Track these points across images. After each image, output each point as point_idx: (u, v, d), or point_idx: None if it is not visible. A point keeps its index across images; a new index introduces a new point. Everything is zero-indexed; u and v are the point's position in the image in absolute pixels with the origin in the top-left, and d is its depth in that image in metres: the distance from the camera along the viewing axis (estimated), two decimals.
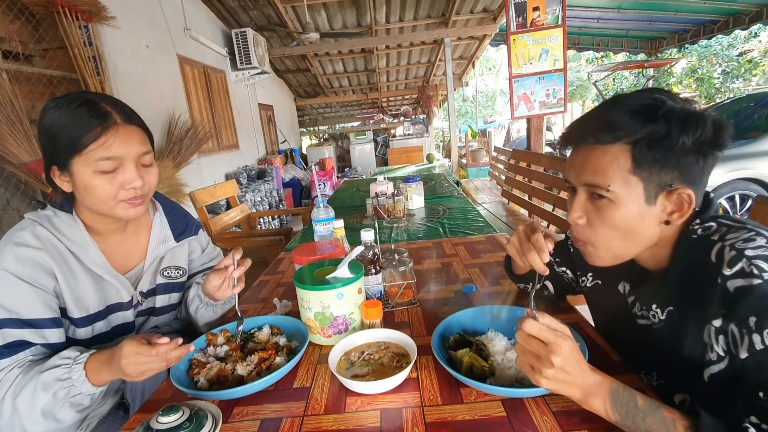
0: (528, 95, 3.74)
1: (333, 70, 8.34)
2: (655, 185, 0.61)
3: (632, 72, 11.76)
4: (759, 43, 11.37)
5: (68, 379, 0.75)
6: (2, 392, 0.76)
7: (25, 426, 0.76)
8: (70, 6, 2.40)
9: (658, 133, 0.59)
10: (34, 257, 0.83)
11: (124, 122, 0.84)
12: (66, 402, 0.76)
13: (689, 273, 0.63)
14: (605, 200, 0.64)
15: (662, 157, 0.60)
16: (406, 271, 1.08)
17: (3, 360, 0.77)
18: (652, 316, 0.70)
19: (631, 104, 0.62)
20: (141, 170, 0.87)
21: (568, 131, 0.70)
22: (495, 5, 5.72)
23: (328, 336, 0.92)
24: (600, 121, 0.64)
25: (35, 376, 0.76)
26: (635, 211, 0.63)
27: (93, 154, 0.81)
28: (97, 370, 0.76)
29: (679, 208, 0.63)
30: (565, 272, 0.97)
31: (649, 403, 0.56)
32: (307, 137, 12.63)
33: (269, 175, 5.39)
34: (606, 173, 0.63)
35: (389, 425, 0.67)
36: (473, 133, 10.47)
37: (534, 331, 0.59)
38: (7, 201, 2.20)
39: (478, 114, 14.54)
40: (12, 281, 0.80)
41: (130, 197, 0.86)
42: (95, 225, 0.93)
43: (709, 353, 0.59)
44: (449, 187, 2.96)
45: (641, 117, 0.60)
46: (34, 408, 0.75)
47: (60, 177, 0.85)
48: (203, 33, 4.57)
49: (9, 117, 1.99)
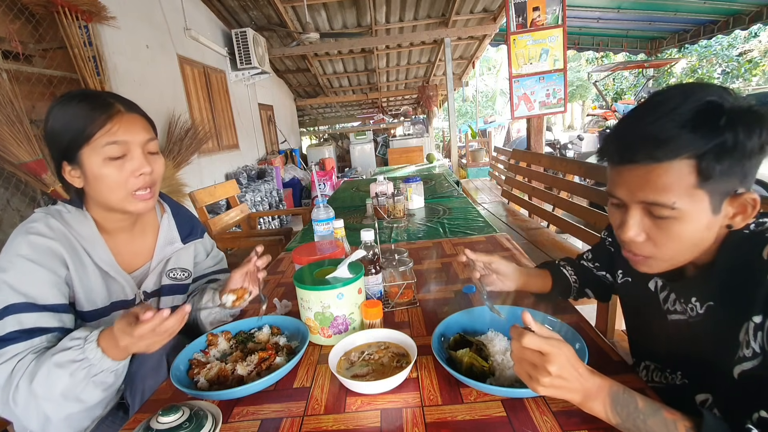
0: (528, 95, 3.74)
1: (333, 70, 8.34)
2: (720, 194, 0.58)
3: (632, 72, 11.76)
4: (759, 43, 11.38)
5: (84, 359, 0.74)
6: (17, 378, 0.74)
7: (46, 410, 0.74)
8: (70, 6, 2.40)
9: (726, 143, 0.54)
10: (47, 245, 0.84)
11: (126, 110, 0.87)
12: (88, 382, 0.75)
13: (737, 269, 0.60)
14: (669, 218, 0.59)
15: (731, 166, 0.55)
16: (406, 271, 1.08)
17: (18, 344, 0.76)
18: (690, 309, 0.68)
19: (684, 113, 0.55)
20: (148, 157, 0.89)
21: (610, 145, 0.63)
22: (495, 5, 5.72)
23: (328, 336, 0.92)
24: (652, 137, 0.57)
25: (48, 359, 0.74)
26: (703, 224, 0.59)
27: (100, 141, 0.83)
28: (114, 346, 0.75)
29: (742, 211, 0.59)
30: (605, 276, 0.97)
31: (650, 404, 0.56)
32: (307, 137, 12.63)
33: (269, 175, 5.39)
34: (669, 191, 0.57)
35: (389, 425, 0.67)
36: (473, 133, 10.47)
37: (532, 344, 0.58)
38: (7, 201, 2.20)
39: (478, 114, 14.54)
40: (28, 266, 0.81)
41: (140, 186, 0.88)
42: (104, 222, 0.94)
43: (743, 350, 0.57)
44: (449, 187, 2.96)
45: (702, 128, 0.54)
46: (52, 390, 0.73)
47: (71, 172, 0.86)
48: (203, 33, 4.57)
49: (9, 117, 1.99)
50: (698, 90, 0.57)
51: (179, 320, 0.73)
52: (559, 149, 7.06)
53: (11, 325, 0.77)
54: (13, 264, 0.81)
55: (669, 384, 0.73)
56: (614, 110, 9.18)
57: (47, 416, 0.75)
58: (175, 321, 0.72)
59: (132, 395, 0.89)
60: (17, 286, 0.79)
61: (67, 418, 0.78)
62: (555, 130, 9.06)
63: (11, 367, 0.75)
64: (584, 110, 20.10)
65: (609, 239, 0.95)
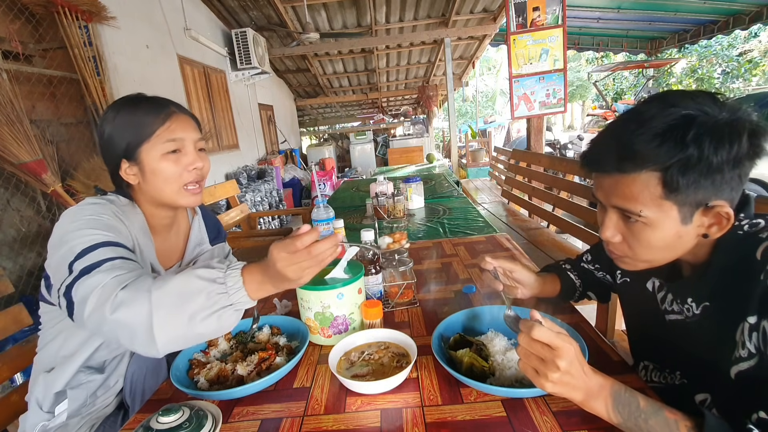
0: (528, 95, 3.73)
1: (333, 70, 8.34)
2: (689, 206, 0.58)
3: (632, 72, 11.76)
4: (759, 43, 11.38)
5: (223, 284, 0.68)
6: (119, 287, 0.68)
7: (153, 319, 0.65)
8: (70, 6, 2.40)
9: (690, 159, 0.55)
10: (112, 212, 0.87)
11: (179, 111, 0.94)
12: (217, 311, 0.67)
13: (731, 269, 0.61)
14: (639, 223, 0.62)
15: (696, 180, 0.56)
16: (406, 271, 1.08)
17: (117, 261, 0.75)
18: (687, 309, 0.68)
19: (657, 126, 0.56)
20: (199, 154, 0.95)
21: (589, 154, 0.66)
22: (495, 5, 5.72)
23: (328, 336, 0.92)
24: (624, 149, 0.59)
25: (183, 275, 0.69)
26: (671, 232, 0.61)
27: (160, 137, 0.89)
28: (257, 281, 0.69)
29: (718, 222, 0.60)
30: (605, 276, 0.97)
31: (651, 404, 0.56)
32: (307, 137, 12.63)
33: (269, 175, 5.39)
34: (637, 199, 0.59)
35: (389, 425, 0.67)
36: (473, 133, 10.47)
37: (543, 337, 0.57)
38: (7, 201, 2.20)
39: (478, 114, 14.54)
40: (103, 219, 0.83)
41: (192, 180, 0.93)
42: (150, 219, 0.97)
43: (739, 350, 0.57)
44: (449, 187, 2.96)
45: (669, 142, 0.55)
46: (171, 301, 0.66)
47: (127, 170, 0.91)
48: (203, 33, 4.57)
49: (9, 117, 1.99)
50: (680, 101, 0.57)
51: (333, 245, 0.69)
52: (559, 149, 7.07)
53: (105, 254, 0.75)
54: (88, 221, 0.81)
55: (668, 384, 0.73)
56: (614, 110, 9.18)
57: (149, 326, 0.65)
58: (330, 245, 0.69)
59: (132, 395, 0.89)
60: (99, 232, 0.80)
61: (172, 339, 0.68)
62: (555, 130, 9.06)
63: (113, 275, 0.71)
64: (584, 110, 20.09)
65: None
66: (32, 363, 0.97)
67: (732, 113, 0.56)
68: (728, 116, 0.56)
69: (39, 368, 0.93)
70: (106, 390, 0.92)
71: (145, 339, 0.66)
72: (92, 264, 0.73)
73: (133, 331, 0.66)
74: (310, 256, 0.67)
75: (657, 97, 0.61)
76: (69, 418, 0.89)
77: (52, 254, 0.79)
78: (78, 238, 0.77)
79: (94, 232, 0.79)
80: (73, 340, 0.90)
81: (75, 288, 0.71)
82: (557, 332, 0.58)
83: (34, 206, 2.34)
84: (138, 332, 0.66)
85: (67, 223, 0.81)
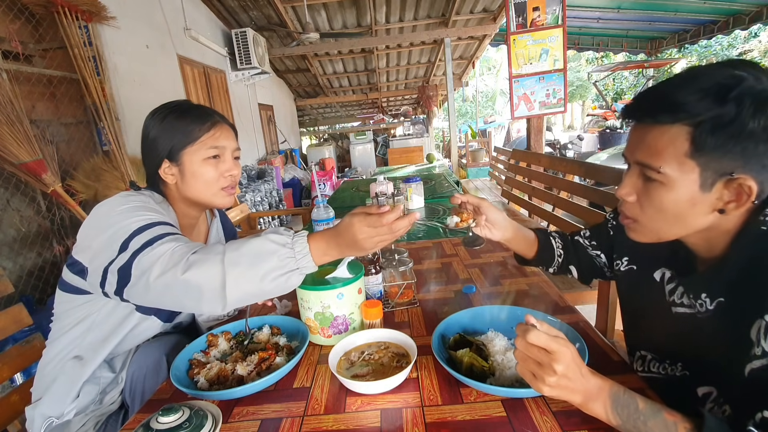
0: (528, 95, 3.74)
1: (333, 70, 8.34)
2: (713, 172, 0.56)
3: (632, 72, 11.76)
4: (759, 43, 11.38)
5: (291, 249, 0.73)
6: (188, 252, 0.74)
7: (226, 278, 0.71)
8: (70, 6, 2.40)
9: (724, 117, 0.53)
10: (154, 202, 0.92)
11: (222, 121, 1.01)
12: (286, 273, 0.73)
13: (751, 266, 0.59)
14: (656, 182, 0.60)
15: (726, 143, 0.54)
16: (406, 271, 1.08)
17: (177, 235, 0.81)
18: (699, 305, 0.66)
19: (706, 81, 0.55)
20: (234, 162, 1.02)
21: (632, 103, 0.64)
22: (495, 5, 5.71)
23: (328, 336, 0.92)
24: (665, 98, 0.58)
25: (257, 238, 0.74)
26: (686, 197, 0.59)
27: (204, 143, 0.95)
28: (322, 249, 0.75)
29: (738, 199, 0.57)
30: (599, 255, 0.95)
31: (650, 405, 0.56)
32: (307, 137, 12.63)
33: (269, 175, 5.39)
34: (660, 154, 0.58)
35: (389, 425, 0.67)
36: (473, 133, 10.47)
37: (540, 341, 0.57)
38: (7, 201, 2.20)
39: (478, 114, 14.54)
40: (150, 205, 0.89)
41: (227, 185, 1.00)
42: (180, 218, 1.01)
43: (755, 348, 0.56)
44: (449, 187, 2.96)
45: (710, 98, 0.54)
46: (245, 261, 0.72)
47: (166, 170, 0.96)
48: (203, 33, 4.57)
49: (9, 117, 1.99)
50: (739, 65, 0.56)
51: (410, 223, 0.76)
52: (559, 149, 7.07)
53: (164, 230, 0.81)
54: (136, 206, 0.86)
55: (668, 375, 0.73)
56: (614, 110, 9.18)
57: (221, 283, 0.71)
58: (407, 222, 0.75)
59: (132, 395, 0.89)
60: (152, 212, 0.85)
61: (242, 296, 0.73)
62: (555, 130, 9.06)
63: (179, 243, 0.77)
64: (584, 110, 20.09)
65: (613, 222, 0.92)
66: (32, 363, 0.97)
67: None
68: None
69: (58, 356, 0.92)
70: (114, 386, 0.93)
71: (214, 296, 0.72)
72: (154, 237, 0.78)
73: (201, 289, 0.72)
74: (390, 231, 0.74)
75: (718, 63, 0.59)
76: (75, 414, 0.89)
77: (95, 236, 0.82)
78: (131, 218, 0.82)
79: (146, 214, 0.84)
80: (104, 327, 0.91)
81: (137, 260, 0.75)
82: (554, 336, 0.58)
83: (34, 206, 2.34)
84: (207, 290, 0.72)
85: (111, 208, 0.85)
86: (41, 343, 1.13)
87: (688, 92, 0.56)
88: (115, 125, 2.60)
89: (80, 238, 0.86)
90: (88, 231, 0.85)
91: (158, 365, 0.89)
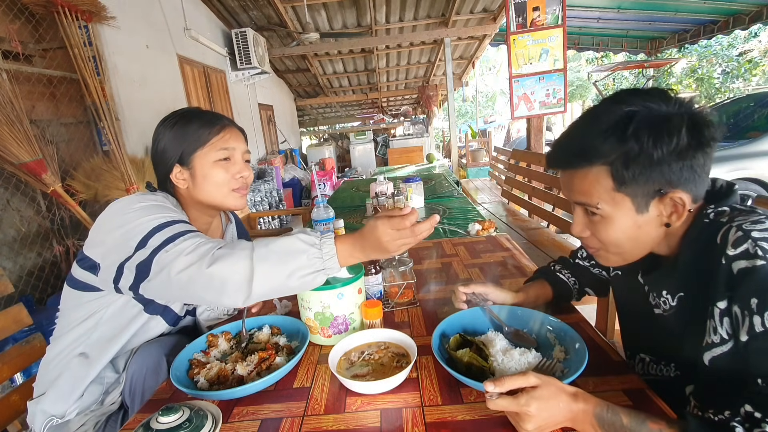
0: (528, 95, 3.73)
1: (333, 70, 8.33)
2: (642, 196, 0.61)
3: (632, 72, 11.76)
4: (759, 43, 11.37)
5: (319, 250, 0.75)
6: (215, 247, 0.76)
7: (255, 273, 0.73)
8: (70, 6, 2.39)
9: (630, 153, 0.58)
10: (171, 204, 0.94)
11: (231, 125, 1.02)
12: (312, 273, 0.75)
13: (697, 257, 0.62)
14: (598, 216, 0.65)
15: (642, 172, 0.59)
16: (406, 271, 1.08)
17: (197, 233, 0.83)
18: (663, 302, 0.70)
19: (605, 122, 0.61)
20: (245, 164, 1.02)
21: (551, 153, 0.71)
22: (495, 5, 5.71)
23: (328, 336, 0.92)
24: (574, 145, 0.65)
25: (287, 237, 0.76)
26: (629, 223, 0.63)
27: (214, 146, 0.96)
28: (347, 251, 0.77)
29: (675, 210, 0.62)
30: (601, 273, 0.98)
31: (634, 418, 0.57)
32: (307, 137, 12.63)
33: (269, 175, 5.39)
34: (591, 194, 0.64)
35: (389, 425, 0.67)
36: (473, 133, 10.46)
37: (501, 407, 0.60)
38: (7, 201, 2.20)
39: (478, 114, 14.53)
40: (168, 205, 0.90)
41: (238, 186, 1.00)
42: (192, 224, 0.99)
43: (711, 335, 0.58)
44: (449, 187, 2.96)
45: (612, 138, 0.59)
46: (275, 257, 0.74)
47: (178, 175, 0.97)
48: (203, 33, 4.56)
49: (9, 117, 1.99)
50: (629, 99, 0.61)
51: (431, 226, 0.77)
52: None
53: (184, 228, 0.83)
54: (155, 206, 0.87)
55: (664, 376, 0.74)
56: None
57: (248, 277, 0.73)
58: (429, 225, 0.77)
59: (132, 395, 0.89)
60: (170, 212, 0.87)
61: (267, 291, 0.76)
62: (555, 130, 9.06)
63: (203, 239, 0.79)
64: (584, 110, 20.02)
65: (584, 252, 0.96)
66: (32, 363, 0.96)
67: (676, 107, 0.58)
68: (668, 110, 0.58)
69: (63, 353, 0.92)
70: (116, 386, 0.93)
71: (237, 288, 0.73)
72: (175, 234, 0.80)
73: (225, 283, 0.73)
74: (413, 234, 0.75)
75: (610, 97, 0.64)
76: (77, 414, 0.89)
77: (108, 233, 0.83)
78: (148, 215, 0.83)
79: (166, 213, 0.85)
80: (110, 326, 0.91)
81: (158, 257, 0.77)
82: (515, 398, 0.59)
83: (34, 206, 2.34)
84: (231, 283, 0.73)
85: (126, 205, 0.86)
86: (41, 343, 1.13)
87: (592, 136, 0.61)
88: (115, 125, 2.60)
89: (93, 234, 0.87)
90: (101, 227, 0.86)
91: (158, 365, 0.89)
